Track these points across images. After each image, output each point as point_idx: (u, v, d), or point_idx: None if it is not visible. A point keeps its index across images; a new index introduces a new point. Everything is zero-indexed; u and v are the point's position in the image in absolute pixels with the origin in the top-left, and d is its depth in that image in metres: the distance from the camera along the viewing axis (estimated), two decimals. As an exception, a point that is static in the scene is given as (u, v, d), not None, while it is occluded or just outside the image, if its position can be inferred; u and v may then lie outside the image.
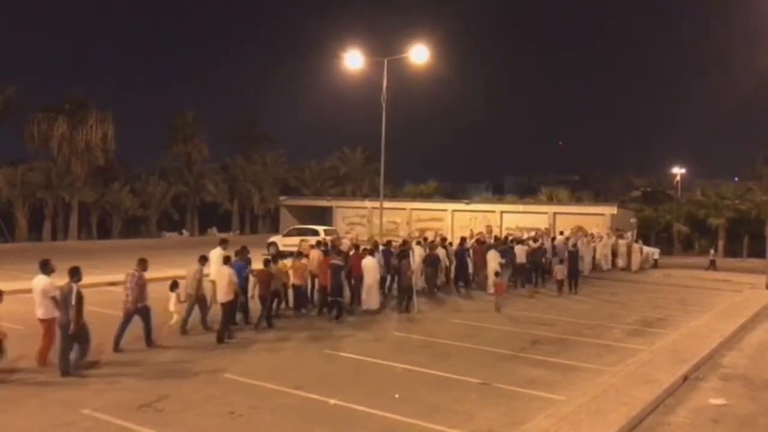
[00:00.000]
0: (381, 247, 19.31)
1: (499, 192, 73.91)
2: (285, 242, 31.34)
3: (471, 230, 30.63)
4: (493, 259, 20.25)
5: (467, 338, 13.88)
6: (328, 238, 29.19)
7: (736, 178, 60.81)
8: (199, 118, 50.78)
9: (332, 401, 9.23)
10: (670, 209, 47.33)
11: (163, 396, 9.28)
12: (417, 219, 41.31)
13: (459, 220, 39.59)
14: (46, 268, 10.69)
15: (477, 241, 23.46)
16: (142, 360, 11.31)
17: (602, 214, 36.08)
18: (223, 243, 15.78)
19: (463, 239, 23.01)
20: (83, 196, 42.21)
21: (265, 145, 56.41)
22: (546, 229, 31.84)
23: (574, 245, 23.98)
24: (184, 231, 48.96)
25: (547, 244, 24.60)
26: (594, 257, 28.06)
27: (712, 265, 31.96)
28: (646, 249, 32.60)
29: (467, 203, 43.11)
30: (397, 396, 9.53)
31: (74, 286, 10.38)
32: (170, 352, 11.95)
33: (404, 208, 42.48)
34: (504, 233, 32.01)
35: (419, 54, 29.21)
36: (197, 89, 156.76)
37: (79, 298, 10.31)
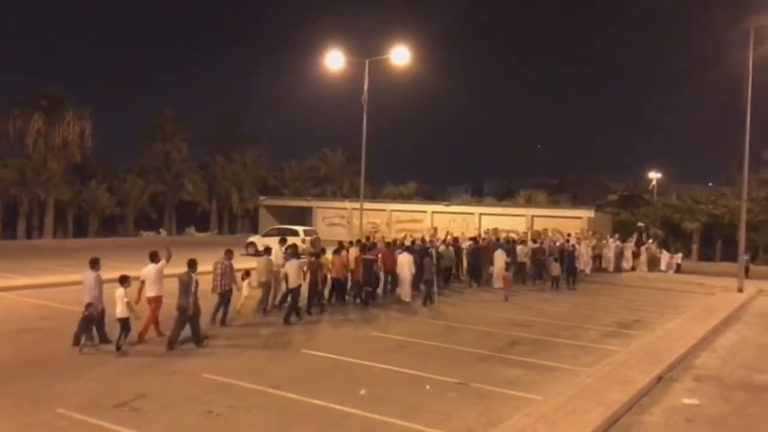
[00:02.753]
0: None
1: (478, 194, 74.27)
2: (264, 242, 31.22)
3: (479, 231, 31.94)
4: (500, 258, 22.43)
5: (446, 338, 13.97)
6: (308, 238, 29.19)
7: (710, 184, 61.88)
8: (179, 116, 50.43)
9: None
10: (647, 213, 47.99)
11: (140, 395, 9.20)
12: (397, 220, 41.41)
13: (438, 221, 39.75)
14: (155, 258, 12.72)
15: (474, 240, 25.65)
16: (125, 355, 11.23)
17: (579, 218, 36.47)
18: (283, 242, 18.03)
19: (474, 239, 25.36)
20: (59, 194, 41.63)
21: (245, 145, 56.08)
22: (545, 230, 32.33)
23: (573, 245, 25.78)
24: (161, 230, 48.51)
25: (546, 245, 26.10)
26: (592, 257, 29.30)
27: (746, 272, 31.40)
28: (667, 254, 32.78)
29: (447, 205, 43.30)
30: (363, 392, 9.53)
31: (193, 275, 12.35)
32: (160, 348, 11.86)
33: (384, 209, 42.56)
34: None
35: (400, 56, 29.32)
36: (177, 87, 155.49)
37: (197, 285, 12.31)
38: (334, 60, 30.04)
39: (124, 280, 11.85)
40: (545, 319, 16.98)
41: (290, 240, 30.44)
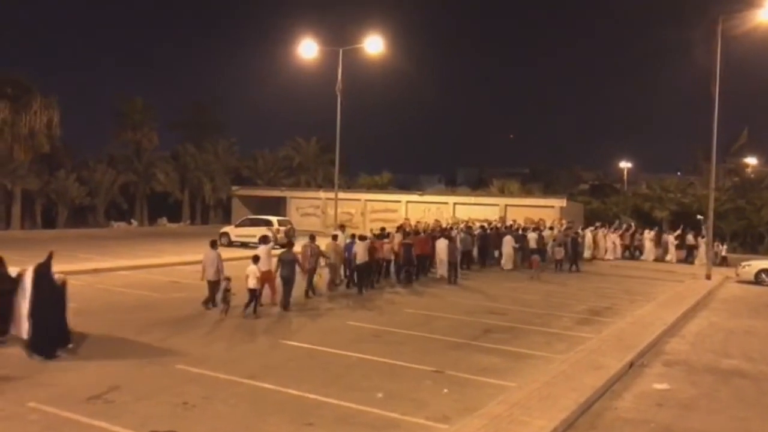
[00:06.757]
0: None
1: (451, 184, 74.46)
2: (237, 232, 31.01)
3: (487, 220, 32.67)
4: (508, 243, 25.37)
5: (421, 327, 14.03)
6: (282, 228, 29.12)
7: (679, 173, 62.73)
8: (149, 104, 49.58)
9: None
10: (617, 202, 48.73)
11: (113, 387, 9.08)
12: (371, 210, 41.40)
13: (413, 211, 39.85)
14: (266, 240, 16.39)
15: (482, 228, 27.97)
16: (102, 348, 11.05)
17: (552, 206, 36.84)
18: (343, 228, 21.25)
19: (483, 227, 27.78)
20: (27, 184, 40.72)
21: (217, 134, 55.29)
22: (561, 219, 32.83)
23: (576, 233, 27.86)
24: (132, 221, 47.79)
25: (545, 233, 27.81)
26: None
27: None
28: (722, 246, 32.02)
29: (421, 194, 43.38)
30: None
31: (294, 253, 15.55)
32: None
33: (359, 199, 42.50)
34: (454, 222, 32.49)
35: (374, 45, 29.24)
36: (146, 74, 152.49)
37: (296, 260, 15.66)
38: (308, 48, 29.85)
39: (256, 259, 14.62)
40: (520, 307, 17.17)
41: (264, 231, 30.40)
